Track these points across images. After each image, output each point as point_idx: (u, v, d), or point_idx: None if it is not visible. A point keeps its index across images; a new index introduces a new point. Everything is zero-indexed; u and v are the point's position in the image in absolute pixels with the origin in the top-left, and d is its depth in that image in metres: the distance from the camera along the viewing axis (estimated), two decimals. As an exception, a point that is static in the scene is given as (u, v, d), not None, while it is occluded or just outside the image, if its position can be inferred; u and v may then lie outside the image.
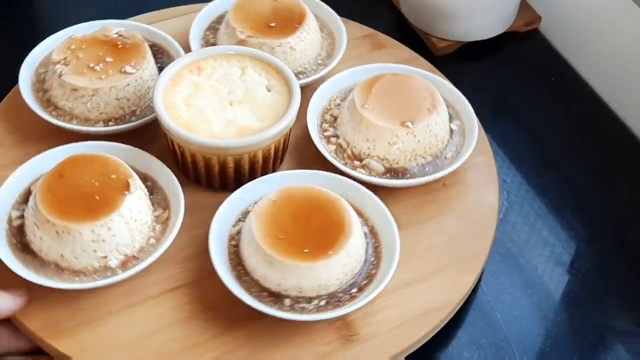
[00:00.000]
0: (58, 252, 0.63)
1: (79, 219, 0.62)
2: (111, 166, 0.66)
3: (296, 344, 0.63)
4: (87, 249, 0.62)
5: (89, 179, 0.64)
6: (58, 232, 0.62)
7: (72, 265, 0.63)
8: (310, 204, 0.66)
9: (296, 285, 0.63)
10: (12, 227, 0.66)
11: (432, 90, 0.76)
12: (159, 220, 0.67)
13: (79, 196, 0.63)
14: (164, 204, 0.68)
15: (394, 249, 0.66)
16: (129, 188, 0.64)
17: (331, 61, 0.82)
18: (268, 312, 0.62)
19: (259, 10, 0.82)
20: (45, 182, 0.64)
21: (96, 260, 0.63)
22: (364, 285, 0.65)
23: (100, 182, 0.64)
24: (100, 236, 0.62)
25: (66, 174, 0.64)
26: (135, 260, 0.64)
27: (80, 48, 0.76)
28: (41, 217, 0.62)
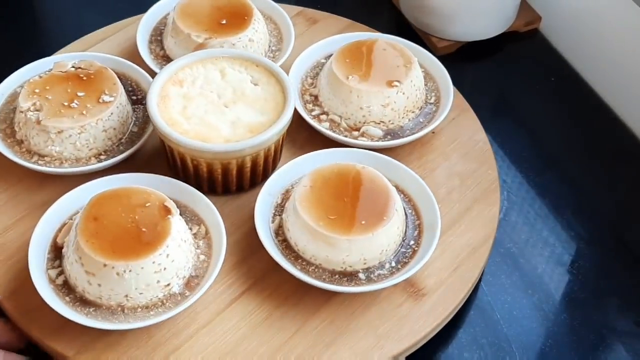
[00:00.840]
0: (122, 294, 0.61)
1: (138, 254, 0.61)
2: (140, 195, 0.64)
3: (373, 313, 0.66)
4: (151, 282, 0.61)
5: (126, 214, 0.63)
6: (119, 274, 0.60)
7: (138, 302, 0.62)
8: (346, 180, 0.68)
9: (360, 259, 0.65)
10: (57, 286, 0.63)
11: (399, 48, 0.80)
12: (198, 237, 0.67)
13: (125, 233, 0.62)
14: (195, 219, 0.68)
15: (429, 197, 0.70)
16: (170, 211, 0.63)
17: (286, 45, 0.84)
18: (351, 291, 0.65)
19: (205, 12, 0.82)
20: (83, 230, 0.62)
21: (160, 291, 0.62)
22: (417, 237, 0.69)
23: (139, 214, 0.63)
24: (161, 265, 0.61)
25: (100, 216, 0.62)
26: (196, 280, 0.64)
27: (45, 90, 0.73)
28: (96, 265, 0.60)
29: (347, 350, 0.64)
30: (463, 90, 0.84)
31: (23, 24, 0.98)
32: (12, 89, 0.77)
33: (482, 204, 0.74)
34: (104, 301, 0.62)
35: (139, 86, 0.79)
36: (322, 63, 0.83)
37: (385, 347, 0.64)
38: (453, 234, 0.71)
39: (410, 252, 0.68)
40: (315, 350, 0.63)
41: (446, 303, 0.67)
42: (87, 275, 0.61)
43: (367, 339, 0.64)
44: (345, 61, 0.78)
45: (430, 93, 0.81)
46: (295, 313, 0.65)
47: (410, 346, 0.65)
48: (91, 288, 0.61)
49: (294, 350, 0.63)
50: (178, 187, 0.69)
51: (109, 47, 0.86)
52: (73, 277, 0.62)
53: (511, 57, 0.96)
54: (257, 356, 0.63)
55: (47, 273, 0.64)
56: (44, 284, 0.63)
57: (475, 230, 0.72)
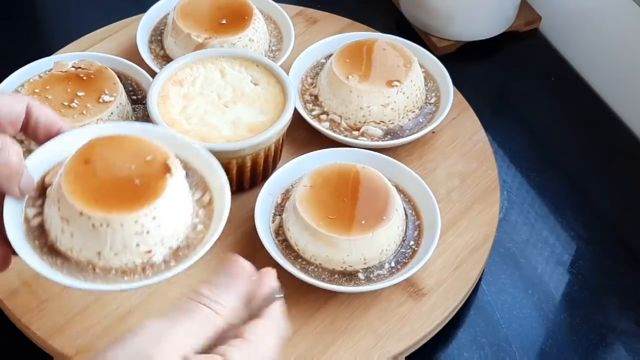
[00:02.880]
0: (94, 250, 0.53)
1: (120, 208, 0.52)
2: (144, 146, 0.55)
3: (373, 313, 0.66)
4: (129, 244, 0.53)
5: (122, 162, 0.54)
6: (95, 226, 0.52)
7: (111, 264, 0.54)
8: (346, 179, 0.68)
9: (361, 258, 0.65)
10: (31, 227, 0.55)
11: (399, 48, 0.80)
12: (200, 204, 0.58)
13: (114, 183, 0.53)
14: (202, 185, 0.59)
15: (429, 196, 0.70)
16: (170, 170, 0.54)
17: (286, 45, 0.84)
18: (351, 291, 0.65)
19: (205, 11, 0.82)
20: (70, 170, 0.54)
21: (139, 257, 0.54)
22: (417, 237, 0.69)
23: (136, 165, 0.54)
24: (144, 227, 0.53)
25: (93, 159, 0.54)
26: (186, 251, 0.56)
27: (45, 89, 0.73)
28: (72, 211, 0.53)
29: (347, 350, 0.64)
30: (463, 90, 0.84)
31: (23, 24, 0.98)
32: (13, 88, 0.77)
33: (482, 203, 0.74)
34: (74, 254, 0.54)
35: (139, 86, 0.79)
36: (322, 63, 0.83)
37: (385, 347, 0.64)
38: (453, 234, 0.72)
39: (410, 252, 0.68)
40: (315, 350, 0.63)
41: (446, 303, 0.67)
42: (61, 221, 0.53)
43: (367, 339, 0.64)
44: (346, 61, 0.78)
45: (430, 93, 0.81)
46: (295, 313, 0.65)
47: (410, 346, 0.65)
48: (63, 237, 0.54)
49: (294, 351, 0.63)
50: (194, 149, 0.60)
51: (109, 47, 0.86)
52: (49, 221, 0.55)
53: (511, 57, 0.96)
54: (257, 356, 0.63)
55: (25, 210, 0.56)
56: (16, 221, 0.54)
57: (475, 230, 0.72)
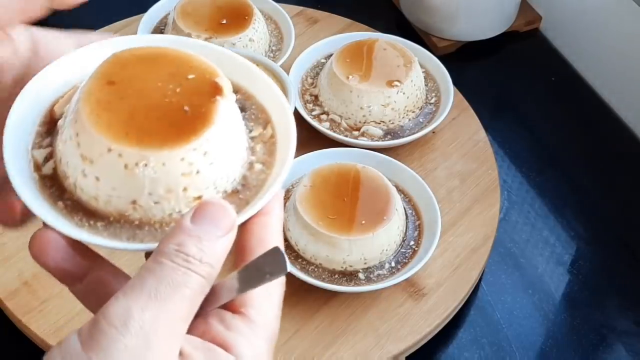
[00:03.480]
0: (128, 198, 0.40)
1: (161, 142, 0.40)
2: (184, 62, 0.43)
3: (374, 313, 0.66)
4: (174, 188, 0.40)
5: (157, 82, 0.41)
6: (128, 166, 0.40)
7: (150, 216, 0.41)
8: (346, 179, 0.68)
9: (361, 258, 0.65)
10: (44, 177, 0.42)
11: (399, 48, 0.80)
12: (258, 140, 0.45)
13: (150, 109, 0.41)
14: (263, 118, 0.46)
15: (429, 196, 0.70)
16: (221, 90, 0.41)
17: (286, 45, 0.84)
18: (351, 291, 0.65)
19: (205, 11, 0.82)
20: (91, 95, 0.41)
21: (186, 204, 0.41)
22: (417, 237, 0.69)
23: (175, 86, 0.41)
24: (193, 166, 0.40)
25: (119, 80, 0.41)
26: (243, 195, 0.43)
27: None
28: (97, 147, 0.40)
29: (347, 350, 0.64)
30: (463, 90, 0.84)
31: (23, 24, 0.98)
32: None
33: (482, 203, 0.74)
34: (101, 204, 0.41)
35: None
36: (323, 63, 0.83)
37: (385, 347, 0.64)
38: (453, 234, 0.72)
39: (410, 252, 0.68)
40: (316, 350, 0.63)
41: (446, 303, 0.67)
42: (82, 161, 0.41)
43: (368, 339, 0.64)
44: (346, 61, 0.78)
45: (431, 93, 0.81)
46: (295, 313, 0.65)
47: (411, 346, 0.65)
48: (85, 182, 0.41)
49: (294, 351, 0.63)
50: (240, 65, 0.46)
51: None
52: (64, 161, 0.42)
53: (511, 57, 0.96)
54: (257, 356, 0.63)
55: (32, 153, 0.43)
56: (21, 168, 0.41)
57: (475, 230, 0.72)
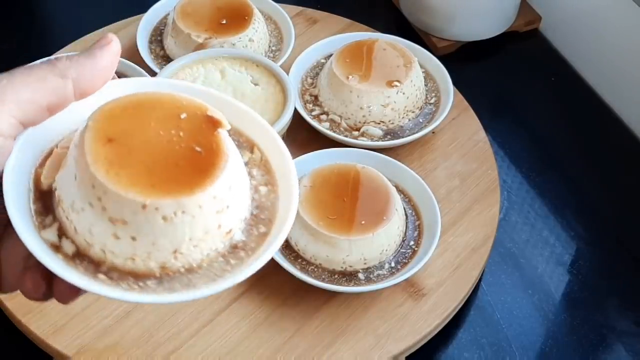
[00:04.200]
0: (169, 249, 0.40)
1: (192, 186, 0.39)
2: (169, 104, 0.42)
3: (373, 313, 0.66)
4: (211, 228, 0.40)
5: (155, 129, 0.41)
6: (167, 218, 0.39)
7: (189, 261, 0.41)
8: (346, 179, 0.68)
9: (361, 258, 0.66)
10: (69, 255, 0.40)
11: (399, 48, 0.80)
12: (251, 164, 0.46)
13: (163, 156, 0.40)
14: (248, 144, 0.47)
15: (429, 197, 0.70)
16: (220, 122, 0.42)
17: (286, 45, 0.84)
18: (351, 291, 0.64)
19: (205, 12, 0.82)
20: (96, 158, 0.39)
21: (220, 240, 0.41)
22: (417, 237, 0.69)
23: (175, 129, 0.41)
24: (224, 201, 0.41)
25: (117, 135, 0.40)
26: (262, 218, 0.44)
27: None
28: (129, 206, 0.38)
29: (347, 350, 0.64)
30: (463, 90, 0.84)
31: (23, 24, 0.98)
32: None
33: (482, 204, 0.74)
34: (139, 263, 0.40)
35: None
36: (322, 63, 0.83)
37: (385, 347, 0.64)
38: (453, 234, 0.72)
39: (410, 252, 0.68)
40: (315, 350, 0.63)
41: (446, 303, 0.67)
42: (113, 225, 0.39)
43: (367, 339, 0.64)
44: (346, 61, 0.78)
45: (430, 93, 0.81)
46: (295, 313, 0.65)
47: (411, 346, 0.65)
48: (118, 244, 0.39)
49: (294, 351, 0.63)
50: (210, 96, 0.46)
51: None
52: (84, 230, 0.40)
53: (511, 57, 0.96)
54: (257, 356, 0.63)
55: (41, 236, 0.40)
56: (49, 258, 0.39)
57: (475, 230, 0.72)
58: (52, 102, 0.39)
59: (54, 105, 0.39)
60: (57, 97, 0.39)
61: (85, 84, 0.40)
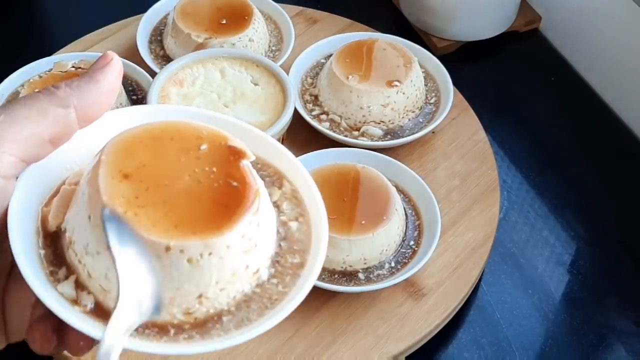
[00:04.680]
0: (194, 293, 0.37)
1: (219, 224, 0.36)
2: (188, 134, 0.39)
3: (373, 313, 0.66)
4: (238, 269, 0.38)
5: (174, 163, 0.37)
6: (192, 260, 0.36)
7: (215, 305, 0.38)
8: (346, 179, 0.68)
9: (361, 258, 0.66)
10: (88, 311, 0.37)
11: (399, 48, 0.80)
12: (282, 198, 0.43)
13: (185, 193, 0.37)
14: (277, 177, 0.44)
15: (429, 196, 0.70)
16: (244, 153, 0.39)
17: (286, 45, 0.84)
18: (351, 291, 0.64)
19: (205, 12, 0.82)
20: (114, 194, 0.36)
21: (248, 281, 0.39)
22: (417, 237, 0.69)
23: (194, 162, 0.38)
24: (252, 240, 0.38)
25: (132, 170, 0.37)
26: (289, 254, 0.41)
27: None
28: (151, 249, 0.35)
29: (347, 350, 0.64)
30: (463, 90, 0.84)
31: (23, 24, 0.98)
32: (13, 88, 0.77)
33: (482, 203, 0.74)
34: (163, 312, 0.37)
35: (139, 86, 0.79)
36: (322, 63, 0.83)
37: (385, 347, 0.64)
38: (453, 234, 0.71)
39: (410, 252, 0.68)
40: (315, 350, 0.63)
41: (446, 303, 0.67)
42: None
43: (367, 339, 0.64)
44: (346, 61, 0.78)
45: (430, 93, 0.81)
46: (295, 313, 0.64)
47: (411, 346, 0.65)
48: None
49: (294, 351, 0.63)
50: (225, 123, 0.43)
51: (109, 47, 0.86)
52: (98, 278, 0.37)
53: (511, 57, 0.96)
54: (257, 357, 0.63)
55: (57, 290, 0.37)
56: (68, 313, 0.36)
57: (475, 230, 0.72)
58: (55, 134, 0.37)
59: (58, 137, 0.37)
60: (60, 128, 0.37)
61: (89, 111, 0.38)
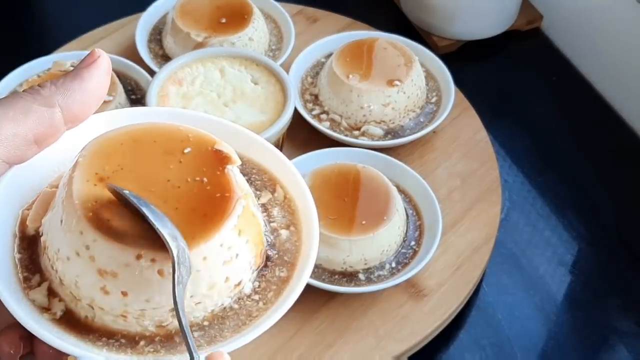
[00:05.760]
0: (166, 307, 0.34)
1: (195, 233, 0.34)
2: (172, 136, 0.37)
3: (374, 314, 0.65)
4: (217, 281, 0.35)
5: (154, 167, 0.36)
6: (164, 272, 0.34)
7: (191, 319, 0.36)
8: (346, 179, 0.68)
9: (361, 259, 0.65)
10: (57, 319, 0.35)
11: (400, 47, 0.79)
12: (271, 204, 0.41)
13: (166, 198, 0.35)
14: (271, 182, 0.42)
15: (430, 196, 0.70)
16: (229, 158, 0.37)
17: (286, 44, 0.84)
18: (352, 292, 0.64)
19: (204, 10, 0.82)
20: (86, 197, 0.34)
21: (228, 294, 0.36)
22: (417, 237, 0.69)
23: (175, 167, 0.36)
24: (231, 250, 0.35)
25: (109, 173, 0.35)
26: (277, 265, 0.39)
27: None
28: (120, 256, 0.34)
29: (347, 350, 0.63)
30: (464, 89, 0.83)
31: (22, 23, 0.98)
32: (11, 87, 0.77)
33: (484, 203, 0.74)
34: (130, 323, 0.35)
35: (138, 85, 0.79)
36: (323, 62, 0.83)
37: (386, 347, 0.63)
38: (454, 234, 0.71)
39: (411, 252, 0.68)
40: (316, 351, 0.63)
41: (447, 303, 0.66)
42: (101, 277, 0.34)
43: (368, 339, 0.64)
44: (346, 60, 0.78)
45: (431, 92, 0.81)
46: (296, 314, 0.65)
47: (412, 347, 0.64)
48: (108, 301, 0.34)
49: (295, 351, 0.63)
50: (222, 126, 0.41)
51: (108, 46, 0.86)
52: (69, 284, 0.35)
53: (512, 56, 0.96)
54: (257, 356, 0.63)
55: (29, 297, 0.36)
56: (35, 321, 0.34)
57: (476, 230, 0.72)
58: (39, 134, 0.36)
59: (43, 137, 0.36)
60: (45, 128, 0.36)
61: (76, 110, 0.36)
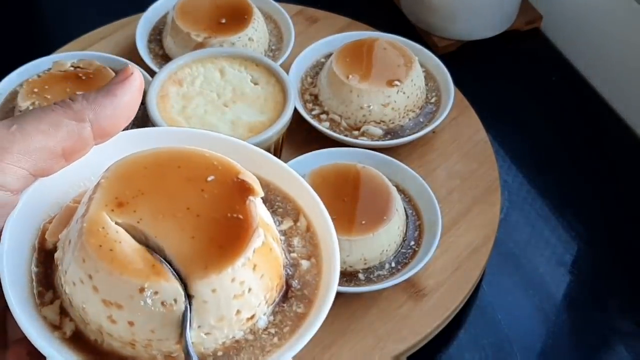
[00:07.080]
0: (174, 338, 0.33)
1: (206, 265, 0.33)
2: (196, 162, 0.36)
3: (374, 314, 0.65)
4: (226, 314, 0.34)
5: (175, 194, 0.35)
6: (166, 304, 0.33)
7: (202, 350, 0.35)
8: (346, 179, 0.68)
9: (361, 259, 0.65)
10: (67, 339, 0.34)
11: (399, 47, 0.79)
12: (293, 232, 0.40)
13: (182, 227, 0.34)
14: (294, 211, 0.41)
15: (429, 196, 0.70)
16: (253, 189, 0.36)
17: (286, 44, 0.84)
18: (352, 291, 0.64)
19: (204, 11, 0.82)
20: (96, 224, 0.33)
21: (240, 327, 0.35)
22: (417, 237, 0.69)
23: (195, 195, 0.35)
24: (244, 284, 0.34)
25: (128, 199, 0.34)
26: (296, 299, 0.37)
27: (43, 89, 0.73)
28: (123, 289, 0.33)
29: (347, 350, 0.63)
30: (464, 89, 0.83)
31: (22, 23, 0.98)
32: (12, 88, 0.77)
33: (483, 204, 0.74)
34: (139, 351, 0.34)
35: None
36: (322, 62, 0.83)
37: (385, 347, 0.64)
38: (454, 234, 0.71)
39: (410, 252, 0.68)
40: (316, 351, 0.63)
41: (447, 303, 0.67)
42: (106, 307, 0.33)
43: (368, 339, 0.64)
44: (346, 60, 0.78)
45: (431, 92, 0.81)
46: (296, 313, 0.65)
47: (411, 347, 0.64)
48: (115, 329, 0.33)
49: (294, 351, 0.63)
50: (251, 153, 0.40)
51: (108, 46, 0.86)
52: (77, 307, 0.34)
53: (512, 56, 0.96)
54: (257, 357, 0.63)
55: (41, 312, 0.35)
56: (44, 339, 0.33)
57: (476, 230, 0.72)
58: (68, 148, 0.35)
59: (72, 151, 0.36)
60: (74, 142, 0.36)
61: (106, 126, 0.36)
